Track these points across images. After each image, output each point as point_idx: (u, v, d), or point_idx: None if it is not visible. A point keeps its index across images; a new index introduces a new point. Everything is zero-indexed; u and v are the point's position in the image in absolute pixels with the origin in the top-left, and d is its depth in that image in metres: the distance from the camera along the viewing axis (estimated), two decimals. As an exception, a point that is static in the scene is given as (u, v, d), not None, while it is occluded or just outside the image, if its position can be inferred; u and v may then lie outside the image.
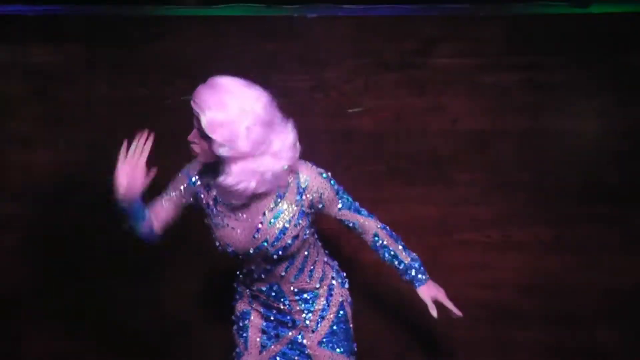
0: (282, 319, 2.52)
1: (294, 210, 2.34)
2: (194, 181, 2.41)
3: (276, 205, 2.33)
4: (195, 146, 2.25)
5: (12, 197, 3.35)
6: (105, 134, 3.27)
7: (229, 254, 2.41)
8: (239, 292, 2.61)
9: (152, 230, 2.42)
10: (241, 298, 2.59)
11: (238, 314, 2.60)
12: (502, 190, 3.18)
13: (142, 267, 3.28)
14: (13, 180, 3.34)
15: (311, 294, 2.51)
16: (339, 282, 2.58)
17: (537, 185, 3.17)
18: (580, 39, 3.10)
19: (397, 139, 3.19)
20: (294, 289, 2.48)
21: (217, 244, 2.41)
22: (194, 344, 3.38)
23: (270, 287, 2.47)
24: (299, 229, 2.36)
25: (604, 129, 3.14)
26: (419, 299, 2.55)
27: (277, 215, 2.33)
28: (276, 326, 2.54)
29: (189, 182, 2.42)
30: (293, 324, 2.52)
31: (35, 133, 3.31)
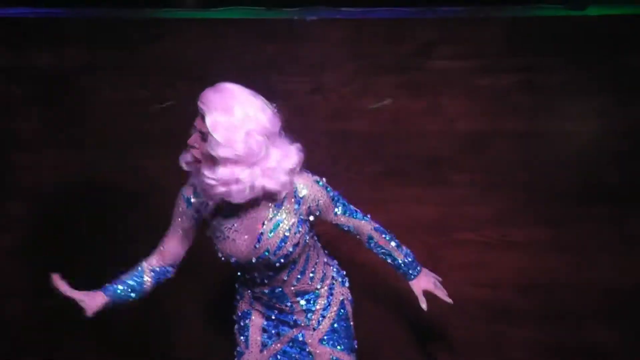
0: (283, 318, 2.53)
1: (293, 219, 2.35)
2: (192, 201, 2.41)
3: (275, 215, 2.34)
4: (195, 151, 2.25)
5: (14, 198, 3.36)
6: (106, 135, 3.30)
7: (232, 264, 2.43)
8: (240, 293, 2.61)
9: (161, 278, 2.52)
10: (242, 298, 2.59)
11: (239, 314, 2.61)
12: (500, 190, 3.19)
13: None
14: (15, 182, 3.35)
15: (313, 294, 2.52)
16: (339, 281, 2.59)
17: (534, 186, 3.18)
18: (577, 40, 3.11)
19: (395, 140, 3.20)
20: (296, 291, 2.49)
21: (219, 255, 2.42)
22: (194, 344, 3.38)
23: (273, 291, 2.48)
24: (299, 236, 2.37)
25: (603, 130, 3.15)
26: (416, 295, 2.58)
27: (276, 225, 2.35)
28: (277, 325, 2.54)
29: (187, 204, 2.42)
30: (294, 323, 2.53)
31: (37, 135, 3.32)
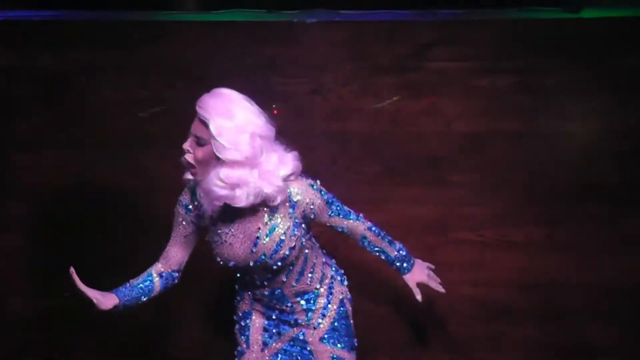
0: (284, 318, 2.54)
1: (288, 223, 2.37)
2: (190, 208, 2.44)
3: (270, 219, 2.36)
4: (189, 156, 2.26)
5: (14, 198, 3.36)
6: (106, 135, 3.31)
7: (230, 268, 2.45)
8: (240, 294, 2.62)
9: (169, 282, 2.54)
10: (242, 299, 2.61)
11: (240, 314, 2.62)
12: (499, 190, 3.20)
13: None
14: (15, 182, 3.36)
15: (312, 294, 2.53)
16: (338, 280, 2.61)
17: (533, 186, 3.19)
18: (573, 42, 3.13)
19: (394, 140, 3.22)
20: (295, 291, 2.50)
21: (218, 259, 2.44)
22: (194, 344, 3.38)
23: (273, 292, 2.50)
24: (295, 239, 2.38)
25: (602, 130, 3.16)
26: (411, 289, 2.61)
27: (272, 229, 2.36)
28: (278, 324, 2.55)
29: (186, 211, 2.45)
30: (295, 322, 2.54)
31: (37, 135, 3.33)
